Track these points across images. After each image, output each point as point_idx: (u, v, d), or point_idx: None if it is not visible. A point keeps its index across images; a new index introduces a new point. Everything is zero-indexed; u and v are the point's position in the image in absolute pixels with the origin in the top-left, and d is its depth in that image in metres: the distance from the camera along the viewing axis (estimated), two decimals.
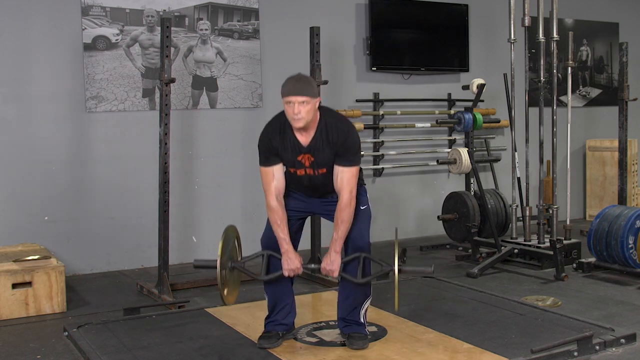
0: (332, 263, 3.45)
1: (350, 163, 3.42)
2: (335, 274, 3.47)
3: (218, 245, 3.39)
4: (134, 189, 5.76)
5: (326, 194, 3.57)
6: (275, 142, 3.43)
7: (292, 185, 3.57)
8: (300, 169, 3.47)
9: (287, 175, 3.52)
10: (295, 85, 3.31)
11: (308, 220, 4.29)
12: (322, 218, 4.64)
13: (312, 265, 3.61)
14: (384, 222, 6.84)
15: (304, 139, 3.42)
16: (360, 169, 3.58)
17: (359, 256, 3.46)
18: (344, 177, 3.41)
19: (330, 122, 3.42)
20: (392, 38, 6.81)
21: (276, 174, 3.47)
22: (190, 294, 4.86)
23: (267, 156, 3.46)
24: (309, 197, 3.62)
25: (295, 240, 3.58)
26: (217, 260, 3.36)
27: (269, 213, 3.48)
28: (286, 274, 3.47)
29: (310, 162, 3.44)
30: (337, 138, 3.39)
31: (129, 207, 5.75)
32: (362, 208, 3.54)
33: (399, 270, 3.35)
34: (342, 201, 3.41)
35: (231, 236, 3.54)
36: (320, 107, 3.44)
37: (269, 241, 3.55)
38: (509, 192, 6.25)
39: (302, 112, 3.29)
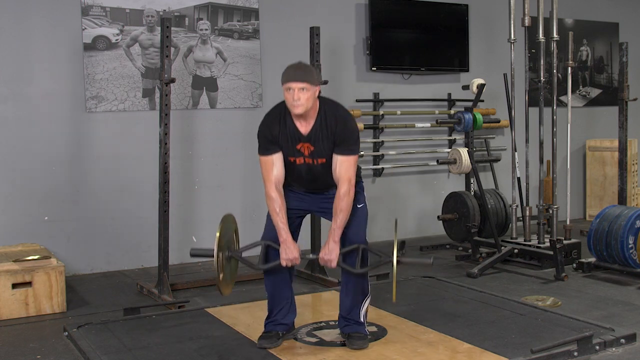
0: (330, 252, 3.40)
1: (349, 152, 3.41)
2: (334, 264, 3.41)
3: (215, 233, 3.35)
4: (134, 189, 5.76)
5: (325, 188, 3.55)
6: (275, 130, 3.42)
7: (291, 177, 3.53)
8: (299, 157, 3.45)
9: (287, 166, 3.49)
10: (295, 72, 3.32)
11: (307, 219, 4.29)
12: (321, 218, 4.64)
13: (311, 255, 3.56)
14: (384, 222, 6.84)
15: (304, 128, 3.41)
16: (359, 167, 3.58)
17: (358, 247, 3.44)
18: (343, 166, 3.40)
19: (329, 110, 3.43)
20: (392, 38, 6.81)
21: (276, 162, 3.44)
22: (190, 294, 4.86)
23: (267, 145, 3.44)
24: (307, 192, 3.60)
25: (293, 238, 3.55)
26: (214, 249, 3.33)
27: (268, 202, 3.45)
28: (284, 263, 3.43)
29: (309, 151, 3.43)
30: (336, 126, 3.39)
31: (129, 207, 5.75)
32: (358, 207, 3.53)
33: (397, 262, 3.31)
34: (341, 190, 3.39)
35: (229, 225, 3.52)
36: (320, 97, 3.45)
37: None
38: (509, 192, 6.25)
39: (302, 98, 3.30)
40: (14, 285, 4.36)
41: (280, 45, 6.31)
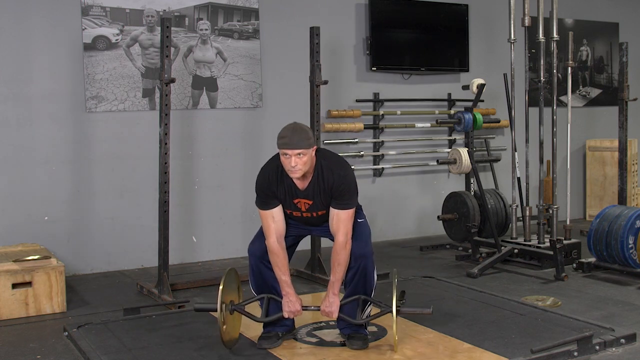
0: (330, 305, 3.49)
1: (346, 206, 3.45)
2: (335, 316, 3.51)
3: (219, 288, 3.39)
4: (134, 189, 5.76)
5: (324, 225, 3.61)
6: (274, 186, 3.46)
7: (290, 222, 3.60)
8: (296, 211, 3.51)
9: (285, 215, 3.54)
10: (291, 139, 3.31)
11: None
12: None
13: (312, 307, 3.64)
14: (384, 222, 6.84)
15: (301, 183, 3.45)
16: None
17: (358, 298, 3.51)
18: (340, 220, 3.44)
19: (326, 165, 3.45)
20: (392, 38, 6.81)
21: (275, 216, 3.49)
22: (190, 294, 4.86)
23: (266, 199, 3.48)
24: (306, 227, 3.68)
25: (288, 254, 3.60)
26: (216, 303, 3.36)
27: (270, 255, 3.49)
28: (286, 315, 3.52)
29: (307, 206, 3.48)
30: (333, 182, 3.42)
31: (129, 207, 5.75)
32: (359, 221, 3.57)
33: (397, 311, 3.38)
34: (338, 243, 3.44)
35: (232, 279, 3.56)
36: (317, 151, 3.46)
37: (257, 250, 3.57)
38: (509, 192, 6.25)
39: (299, 164, 3.32)
40: (14, 285, 4.36)
41: (280, 45, 6.31)
